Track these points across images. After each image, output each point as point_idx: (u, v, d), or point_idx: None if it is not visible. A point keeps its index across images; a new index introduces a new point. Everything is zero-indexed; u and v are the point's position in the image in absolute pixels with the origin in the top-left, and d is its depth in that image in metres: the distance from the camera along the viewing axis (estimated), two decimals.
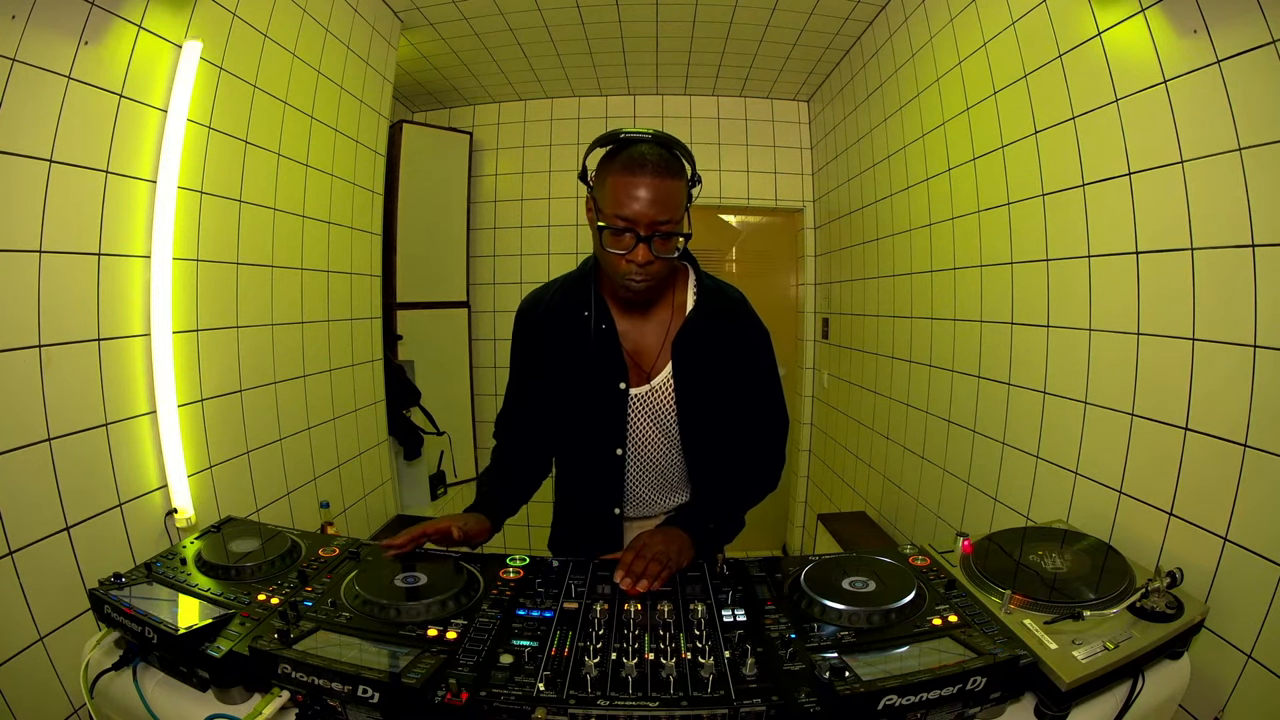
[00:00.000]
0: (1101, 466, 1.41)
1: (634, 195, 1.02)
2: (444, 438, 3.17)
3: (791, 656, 0.87)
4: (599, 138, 1.12)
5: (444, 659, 0.84)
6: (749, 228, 3.87)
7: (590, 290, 1.21)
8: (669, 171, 1.04)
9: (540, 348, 1.25)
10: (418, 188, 3.15)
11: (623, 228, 1.04)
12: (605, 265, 1.12)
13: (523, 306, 1.29)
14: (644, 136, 1.07)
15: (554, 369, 1.24)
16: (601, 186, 1.08)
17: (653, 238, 1.04)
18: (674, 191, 1.05)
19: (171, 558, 1.12)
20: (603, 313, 1.20)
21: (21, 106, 1.18)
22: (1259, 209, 1.06)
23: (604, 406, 1.22)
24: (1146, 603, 0.96)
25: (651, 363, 1.22)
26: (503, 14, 2.66)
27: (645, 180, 1.02)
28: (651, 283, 1.10)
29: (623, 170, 1.04)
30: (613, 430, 1.23)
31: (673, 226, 1.05)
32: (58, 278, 1.26)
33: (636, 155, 1.04)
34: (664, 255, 1.07)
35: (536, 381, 1.28)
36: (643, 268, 1.06)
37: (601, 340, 1.19)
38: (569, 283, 1.26)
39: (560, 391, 1.24)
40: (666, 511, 1.32)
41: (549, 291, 1.28)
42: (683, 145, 1.11)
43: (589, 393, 1.22)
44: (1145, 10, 1.26)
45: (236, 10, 1.70)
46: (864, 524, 2.69)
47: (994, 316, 1.85)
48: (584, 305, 1.21)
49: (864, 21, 2.65)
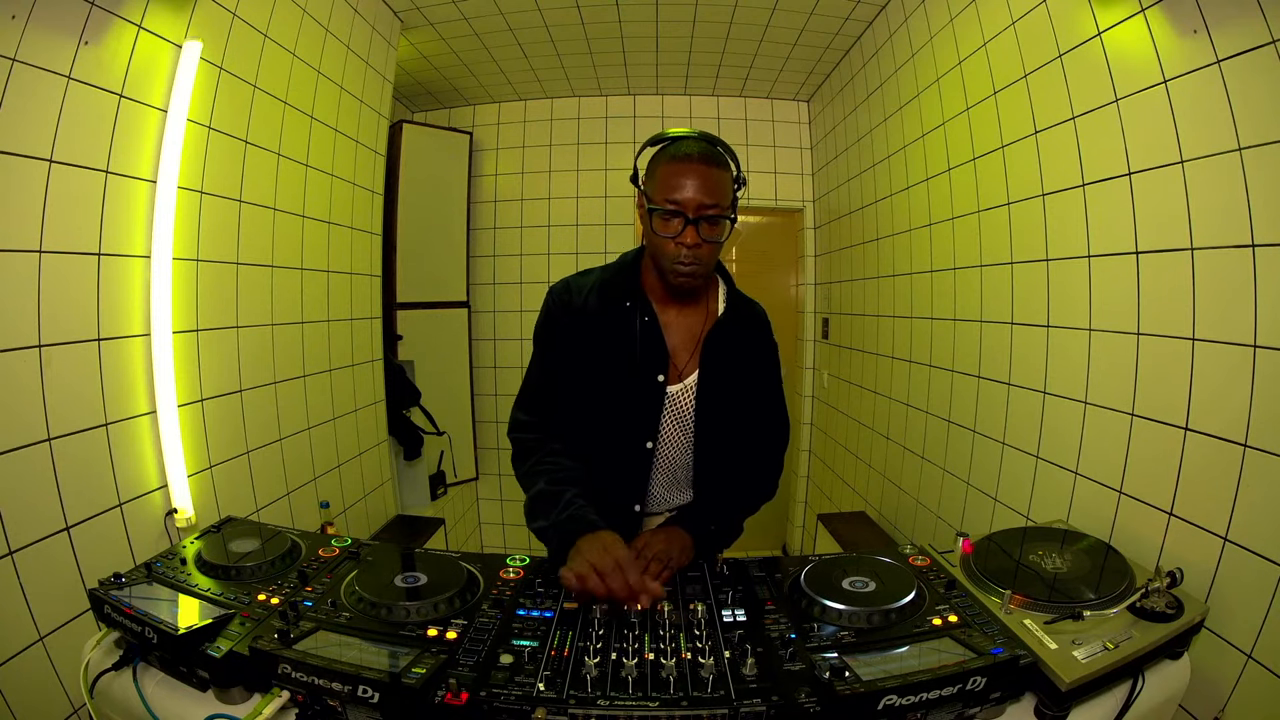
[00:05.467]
0: (1101, 466, 1.41)
1: (682, 182, 1.09)
2: (444, 438, 3.17)
3: (791, 656, 0.87)
4: (649, 139, 1.20)
5: (444, 659, 0.84)
6: (749, 228, 3.87)
7: (633, 282, 1.24)
8: (714, 161, 1.12)
9: (576, 334, 1.24)
10: (418, 188, 3.15)
11: (672, 211, 1.10)
12: (655, 250, 1.17)
13: (555, 292, 1.27)
14: (690, 134, 1.15)
15: (591, 357, 1.23)
16: (652, 178, 1.15)
17: (700, 221, 1.10)
18: (719, 179, 1.11)
19: (171, 558, 1.12)
20: (645, 306, 1.23)
21: (21, 106, 1.18)
22: (1259, 209, 1.06)
23: (641, 398, 1.22)
24: (1146, 603, 0.96)
25: (684, 363, 1.24)
26: (503, 14, 2.66)
27: (693, 168, 1.09)
28: (698, 268, 1.14)
29: (672, 160, 1.12)
30: (647, 423, 1.23)
31: (719, 211, 1.11)
32: (58, 278, 1.26)
33: (684, 147, 1.13)
34: (710, 239, 1.12)
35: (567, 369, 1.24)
36: (691, 249, 1.11)
37: (645, 332, 1.21)
38: (608, 273, 1.28)
39: (597, 382, 1.23)
40: (670, 510, 1.33)
41: (588, 279, 1.27)
42: (725, 144, 1.17)
43: (628, 384, 1.22)
44: (1145, 10, 1.26)
45: (236, 10, 1.70)
46: (864, 524, 2.68)
47: (994, 316, 1.85)
48: (625, 297, 1.23)
49: (864, 21, 2.65)
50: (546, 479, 1.18)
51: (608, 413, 1.24)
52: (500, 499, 3.73)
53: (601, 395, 1.23)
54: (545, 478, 1.18)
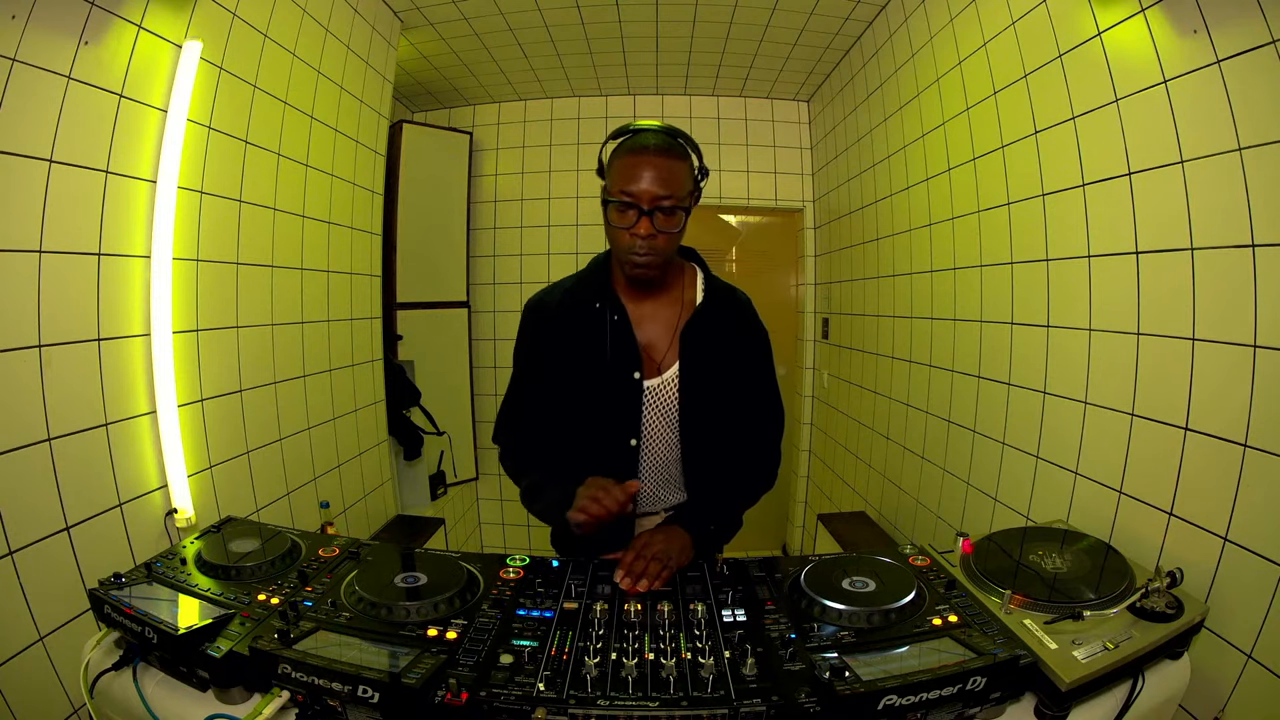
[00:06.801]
0: (1101, 466, 1.41)
1: (638, 174, 1.10)
2: (444, 438, 3.17)
3: (791, 656, 0.87)
4: (612, 132, 1.21)
5: (444, 659, 0.84)
6: (749, 228, 3.87)
7: (602, 282, 1.25)
8: (670, 153, 1.12)
9: (551, 341, 1.26)
10: (418, 188, 3.15)
11: (627, 203, 1.11)
12: (612, 242, 1.19)
13: (529, 305, 1.31)
14: (650, 126, 1.17)
15: (567, 361, 1.24)
16: (610, 170, 1.16)
17: (654, 212, 1.11)
18: (675, 170, 1.11)
19: (171, 558, 1.12)
20: (615, 305, 1.24)
21: (21, 106, 1.18)
22: (1259, 209, 1.06)
23: (619, 397, 1.23)
24: (1146, 603, 0.96)
25: (661, 356, 1.24)
26: (503, 14, 2.66)
27: (647, 159, 1.10)
28: (654, 258, 1.15)
29: (628, 152, 1.13)
30: (628, 421, 1.24)
31: (674, 203, 1.11)
32: (58, 278, 1.27)
33: (641, 139, 1.14)
34: (665, 230, 1.13)
35: (547, 377, 1.28)
36: (646, 240, 1.12)
37: (615, 330, 1.22)
38: (579, 278, 1.30)
39: (574, 384, 1.25)
40: (667, 509, 1.33)
41: (557, 289, 1.31)
42: (687, 135, 1.18)
43: (604, 383, 1.23)
44: (1145, 10, 1.26)
45: (236, 10, 1.70)
46: (864, 524, 2.69)
47: (994, 316, 1.85)
48: (596, 298, 1.24)
49: (864, 21, 2.65)
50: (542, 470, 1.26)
51: (589, 414, 1.26)
52: (500, 499, 3.73)
53: (581, 397, 1.25)
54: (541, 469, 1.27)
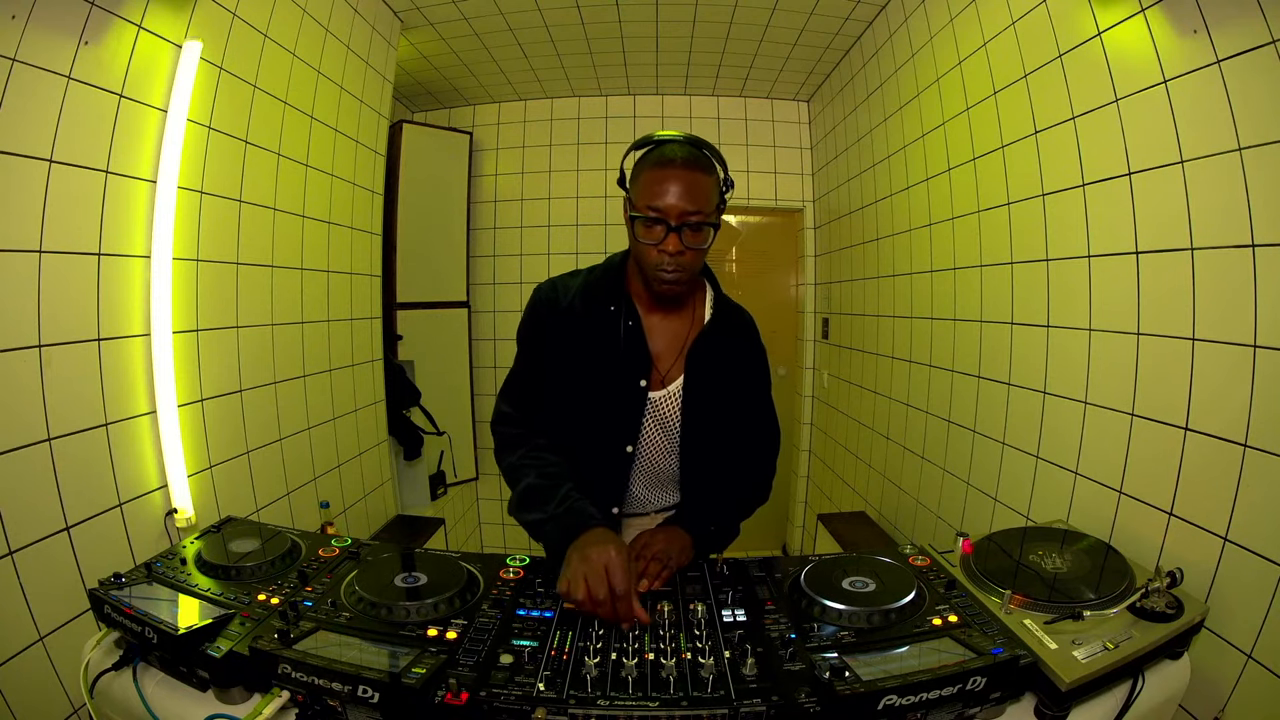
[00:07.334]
0: (1101, 466, 1.41)
1: (665, 188, 1.07)
2: (444, 438, 3.17)
3: (791, 656, 0.87)
4: (635, 142, 1.18)
5: (444, 659, 0.84)
6: (749, 228, 3.87)
7: (618, 286, 1.23)
8: (698, 166, 1.09)
9: (559, 338, 1.23)
10: (418, 188, 3.15)
11: (654, 218, 1.08)
12: (638, 257, 1.15)
13: (542, 291, 1.26)
14: (675, 138, 1.13)
15: (574, 361, 1.22)
16: (635, 182, 1.13)
17: (683, 228, 1.08)
18: (703, 185, 1.09)
19: (171, 558, 1.12)
20: (630, 311, 1.22)
21: (21, 106, 1.18)
22: (1259, 209, 1.06)
23: (622, 402, 1.22)
24: (1146, 603, 0.96)
25: (667, 368, 1.23)
26: (503, 14, 2.66)
27: (675, 174, 1.07)
28: (682, 274, 1.12)
29: (654, 166, 1.10)
30: (627, 427, 1.23)
31: (702, 218, 1.09)
32: (58, 278, 1.26)
33: (668, 152, 1.10)
34: (694, 246, 1.10)
35: (550, 373, 1.24)
36: (674, 257, 1.10)
37: (629, 336, 1.21)
38: (594, 276, 1.26)
39: (579, 384, 1.23)
40: (659, 510, 1.33)
41: (570, 284, 1.26)
42: (713, 147, 1.15)
43: (610, 387, 1.22)
44: (1145, 10, 1.26)
45: (236, 10, 1.70)
46: (864, 524, 2.69)
47: (994, 316, 1.85)
48: (611, 300, 1.22)
49: (864, 21, 2.65)
50: (536, 473, 1.17)
51: (589, 414, 1.24)
52: (500, 499, 3.73)
53: (583, 397, 1.23)
54: (535, 471, 1.17)
